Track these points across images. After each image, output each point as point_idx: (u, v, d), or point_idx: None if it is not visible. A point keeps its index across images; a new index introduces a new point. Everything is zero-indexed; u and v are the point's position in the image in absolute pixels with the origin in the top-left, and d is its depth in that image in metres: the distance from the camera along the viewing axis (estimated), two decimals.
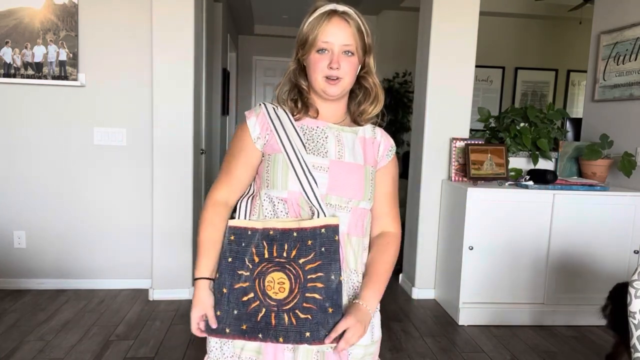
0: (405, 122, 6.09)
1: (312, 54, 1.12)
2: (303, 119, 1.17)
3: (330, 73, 1.10)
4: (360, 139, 1.20)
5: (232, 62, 6.71)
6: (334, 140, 1.16)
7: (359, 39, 1.12)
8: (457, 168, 3.30)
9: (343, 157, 1.15)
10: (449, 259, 3.22)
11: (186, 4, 3.09)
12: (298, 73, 1.18)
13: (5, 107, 3.21)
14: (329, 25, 1.10)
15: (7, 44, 3.13)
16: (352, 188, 1.14)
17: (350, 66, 1.12)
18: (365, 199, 1.16)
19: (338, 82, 1.12)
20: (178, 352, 2.52)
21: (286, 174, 1.11)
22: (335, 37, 1.10)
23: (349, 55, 1.11)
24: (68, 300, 3.16)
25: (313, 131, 1.17)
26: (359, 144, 1.19)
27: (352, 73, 1.13)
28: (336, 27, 1.10)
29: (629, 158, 3.10)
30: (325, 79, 1.11)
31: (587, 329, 3.02)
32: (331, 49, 1.10)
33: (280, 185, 1.12)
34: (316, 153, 1.14)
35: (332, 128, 1.17)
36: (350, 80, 1.14)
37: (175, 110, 3.14)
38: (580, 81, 6.31)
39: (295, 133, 1.14)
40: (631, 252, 3.04)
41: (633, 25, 3.25)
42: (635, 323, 1.42)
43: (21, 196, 3.28)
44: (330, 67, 1.10)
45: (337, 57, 1.10)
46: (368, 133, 1.22)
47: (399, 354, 2.60)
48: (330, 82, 1.11)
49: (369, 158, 1.20)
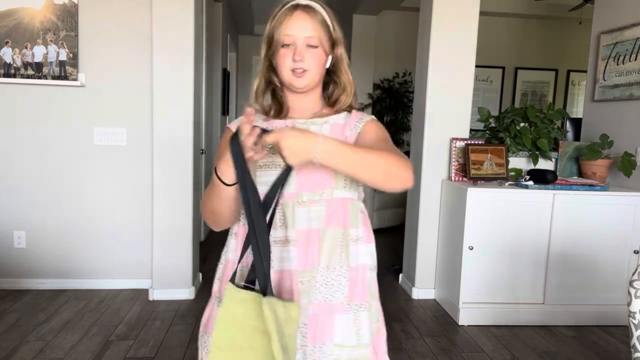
0: (405, 122, 6.09)
1: (278, 49, 1.11)
2: (271, 121, 1.15)
3: (294, 66, 1.10)
4: (333, 125, 1.16)
5: (232, 62, 6.71)
6: None
7: (324, 31, 1.11)
8: (457, 168, 3.30)
9: None
10: (449, 259, 3.22)
11: (186, 4, 3.09)
12: (271, 70, 1.17)
13: (5, 107, 3.21)
14: (291, 19, 1.09)
15: (7, 44, 3.13)
16: (321, 177, 1.10)
17: (314, 59, 1.11)
18: (339, 186, 1.11)
19: (304, 74, 1.10)
20: (178, 352, 2.52)
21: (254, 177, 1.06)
22: (298, 31, 1.09)
23: (312, 48, 1.10)
24: (68, 300, 3.16)
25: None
26: (327, 130, 1.15)
27: (317, 65, 1.12)
28: (298, 20, 1.09)
29: (629, 158, 3.10)
30: (292, 72, 1.11)
31: (587, 329, 3.02)
32: (294, 42, 1.10)
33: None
34: (270, 162, 1.10)
35: (300, 125, 1.14)
36: (316, 72, 1.12)
37: (175, 110, 3.14)
38: (580, 81, 6.31)
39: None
40: (631, 252, 3.04)
41: (633, 25, 3.25)
42: (635, 323, 1.42)
43: (21, 196, 3.28)
44: (294, 60, 1.09)
45: (300, 50, 1.09)
46: (342, 119, 1.18)
47: (399, 354, 2.60)
48: (297, 74, 1.10)
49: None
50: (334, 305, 1.11)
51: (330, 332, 1.10)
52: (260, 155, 0.99)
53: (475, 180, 3.10)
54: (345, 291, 1.12)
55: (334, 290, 1.11)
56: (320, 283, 1.10)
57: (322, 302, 1.10)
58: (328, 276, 1.11)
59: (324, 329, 1.10)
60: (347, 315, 1.12)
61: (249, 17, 6.50)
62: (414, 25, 3.82)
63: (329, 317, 1.10)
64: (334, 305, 1.11)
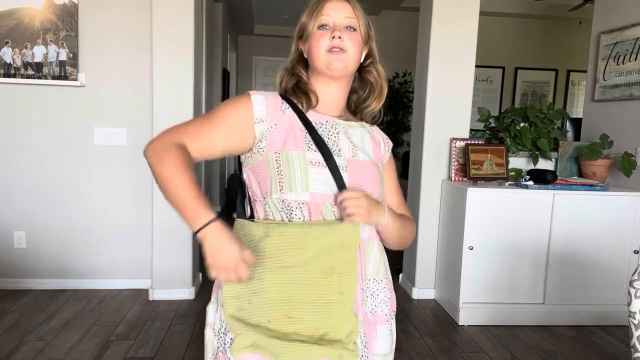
0: (405, 122, 6.09)
1: (313, 32, 1.05)
2: (308, 113, 1.07)
3: (333, 44, 1.02)
4: (369, 133, 1.15)
5: (232, 62, 6.71)
6: (345, 137, 1.08)
7: (363, 19, 1.07)
8: (457, 168, 3.30)
9: (357, 155, 1.08)
10: (449, 259, 3.22)
11: (186, 4, 3.09)
12: (297, 63, 1.11)
13: (5, 107, 3.21)
14: (330, 3, 1.05)
15: (7, 44, 3.13)
16: (370, 188, 1.07)
17: (353, 41, 1.05)
18: (381, 198, 1.10)
19: (342, 53, 1.03)
20: (178, 352, 2.51)
21: (306, 174, 1.01)
22: (337, 12, 1.04)
23: (352, 31, 1.05)
24: (68, 300, 3.16)
25: (323, 126, 1.07)
26: (368, 139, 1.14)
27: (356, 49, 1.05)
28: (338, 3, 1.05)
29: (629, 158, 3.10)
30: (328, 52, 1.03)
31: (587, 329, 3.02)
32: (333, 22, 1.04)
33: (300, 187, 1.00)
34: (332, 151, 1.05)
35: (339, 124, 1.09)
36: (354, 56, 1.05)
37: (175, 110, 3.14)
38: (580, 81, 6.31)
39: (310, 129, 1.05)
40: (631, 252, 3.04)
41: (633, 25, 3.25)
42: (635, 323, 1.42)
43: (21, 196, 3.28)
44: (332, 38, 1.03)
45: (339, 29, 1.04)
46: (372, 130, 1.18)
47: (399, 354, 2.58)
48: (334, 53, 1.03)
49: (377, 155, 1.15)
50: (379, 316, 1.11)
51: (372, 343, 1.10)
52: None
53: (475, 180, 3.10)
54: (388, 303, 1.13)
55: (378, 302, 1.11)
56: (367, 294, 1.09)
57: (368, 313, 1.09)
58: (375, 287, 1.10)
59: (369, 341, 1.09)
60: (386, 326, 1.13)
61: (249, 17, 6.50)
62: (414, 25, 3.82)
63: (374, 328, 1.10)
64: (378, 316, 1.11)
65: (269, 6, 5.96)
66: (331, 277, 0.99)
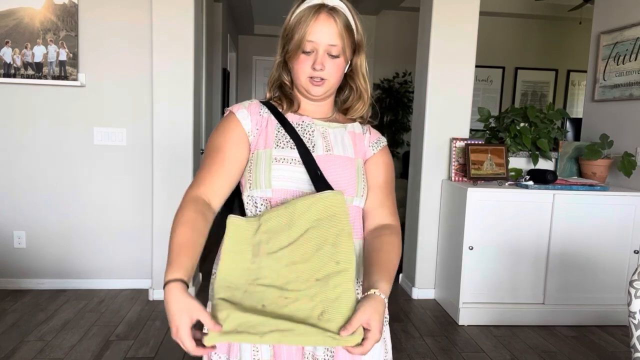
0: (405, 122, 6.08)
1: (297, 53, 1.06)
2: (286, 114, 1.12)
3: (314, 74, 1.06)
4: (350, 133, 1.15)
5: (232, 62, 6.71)
6: (320, 135, 1.11)
7: (347, 37, 1.07)
8: (457, 168, 3.30)
9: (332, 150, 1.10)
10: (449, 259, 3.22)
11: (186, 4, 3.09)
12: (282, 67, 1.13)
13: (5, 107, 3.21)
14: (315, 23, 1.04)
15: (7, 44, 3.13)
16: (345, 183, 1.07)
17: (335, 68, 1.07)
18: (359, 195, 1.09)
19: (322, 82, 1.07)
20: (178, 352, 2.51)
21: (269, 171, 1.05)
22: (321, 36, 1.04)
23: (334, 58, 1.06)
24: (68, 300, 3.16)
25: (299, 126, 1.11)
26: (348, 137, 1.14)
27: (337, 74, 1.08)
28: (323, 25, 1.04)
29: (629, 158, 3.10)
30: (309, 79, 1.07)
31: (587, 329, 3.02)
32: (316, 49, 1.05)
33: (263, 183, 1.05)
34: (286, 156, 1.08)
35: (317, 124, 1.12)
36: (335, 81, 1.09)
37: (175, 110, 3.14)
38: (580, 81, 6.31)
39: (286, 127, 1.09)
40: (631, 252, 3.04)
41: (633, 25, 3.25)
42: (635, 323, 1.42)
43: (21, 196, 3.28)
44: (313, 68, 1.05)
45: (321, 58, 1.05)
46: (358, 129, 1.17)
47: (399, 354, 2.59)
48: (314, 82, 1.07)
49: (359, 151, 1.14)
50: None
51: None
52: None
53: (475, 180, 3.10)
54: None
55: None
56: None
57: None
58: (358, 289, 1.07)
59: None
60: None
61: (249, 17, 6.50)
62: (414, 25, 3.82)
63: None
64: None
65: (269, 6, 5.96)
66: (323, 248, 0.96)
